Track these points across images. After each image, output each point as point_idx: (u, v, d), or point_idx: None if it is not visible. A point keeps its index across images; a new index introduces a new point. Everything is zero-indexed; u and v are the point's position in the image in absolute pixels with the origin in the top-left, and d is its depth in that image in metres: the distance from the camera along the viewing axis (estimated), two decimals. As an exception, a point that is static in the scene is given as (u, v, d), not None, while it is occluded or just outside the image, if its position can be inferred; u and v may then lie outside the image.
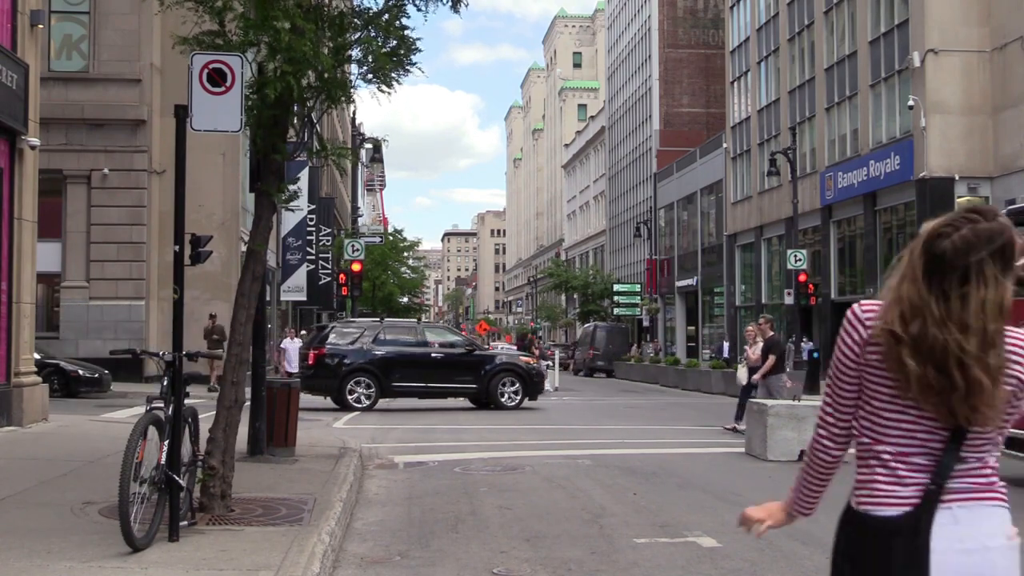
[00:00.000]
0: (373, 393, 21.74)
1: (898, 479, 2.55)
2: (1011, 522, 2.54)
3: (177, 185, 7.20)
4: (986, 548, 2.46)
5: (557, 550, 7.22)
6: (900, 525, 2.48)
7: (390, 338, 22.55)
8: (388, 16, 8.55)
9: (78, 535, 6.73)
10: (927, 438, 2.53)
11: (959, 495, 2.49)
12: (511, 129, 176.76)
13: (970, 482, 2.52)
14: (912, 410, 2.53)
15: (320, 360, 21.70)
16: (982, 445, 2.54)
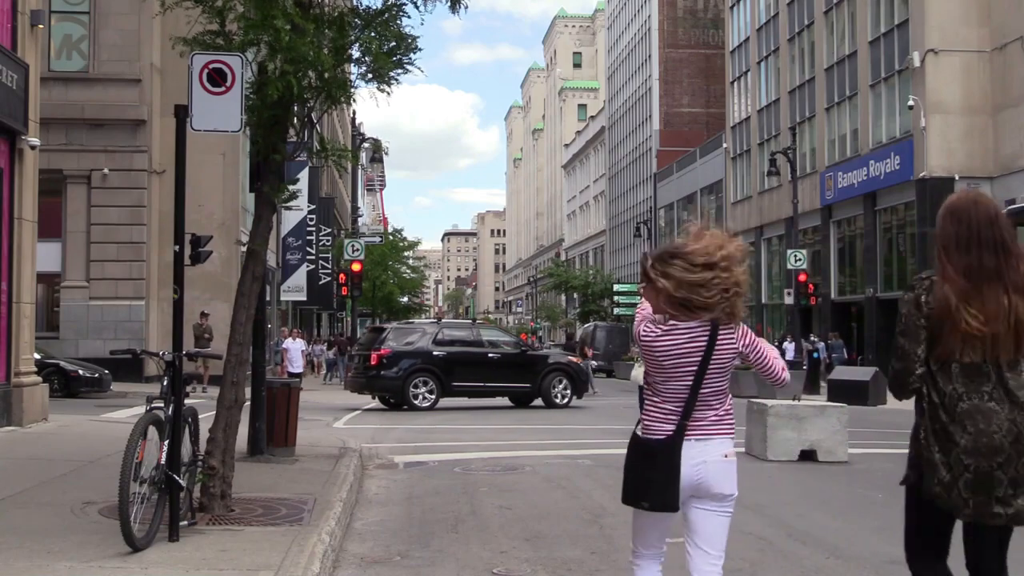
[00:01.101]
0: (435, 393, 22.10)
1: (664, 418, 3.98)
2: (730, 447, 4.04)
3: (177, 185, 7.20)
4: (706, 463, 3.95)
5: (557, 550, 7.22)
6: (663, 444, 3.94)
7: (448, 338, 22.89)
8: (388, 16, 8.55)
9: (78, 535, 6.73)
10: (680, 394, 3.95)
11: (696, 430, 3.96)
12: (511, 129, 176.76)
13: (703, 422, 3.97)
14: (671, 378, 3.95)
15: (383, 360, 22.03)
16: (710, 400, 3.98)
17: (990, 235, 3.74)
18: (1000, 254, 3.71)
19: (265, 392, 11.51)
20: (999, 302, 3.68)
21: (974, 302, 3.68)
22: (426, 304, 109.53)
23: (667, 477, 3.87)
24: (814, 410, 13.08)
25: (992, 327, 3.66)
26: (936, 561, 4.06)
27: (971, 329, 3.67)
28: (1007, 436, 3.66)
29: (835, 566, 6.86)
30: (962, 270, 3.72)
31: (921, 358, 3.76)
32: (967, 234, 3.76)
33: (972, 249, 3.73)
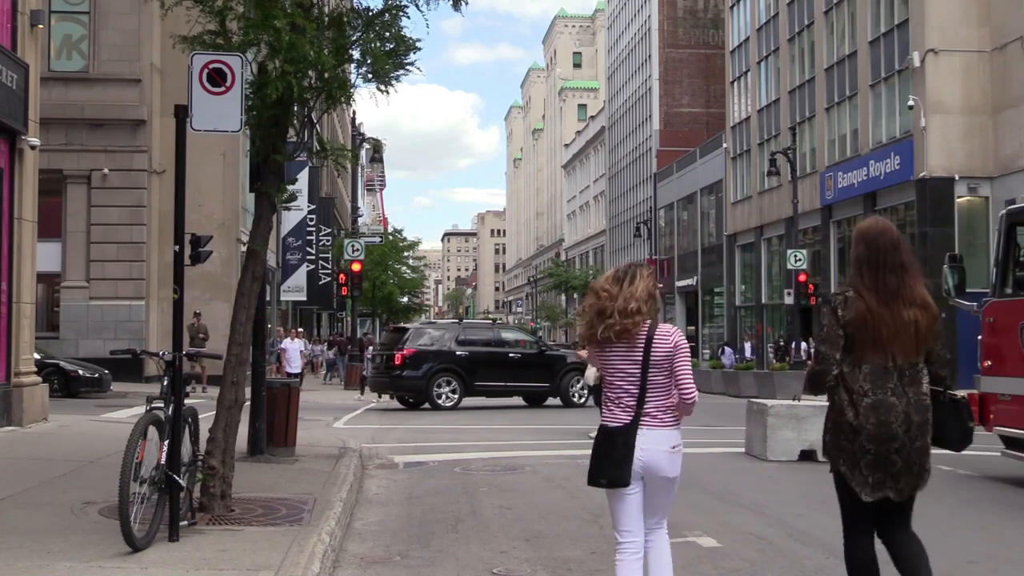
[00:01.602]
0: (458, 392, 22.28)
1: (621, 410, 4.76)
2: (677, 437, 4.77)
3: (177, 185, 7.20)
4: (656, 452, 4.71)
5: (557, 550, 7.22)
6: (621, 430, 4.72)
7: (470, 339, 23.10)
8: (388, 17, 8.55)
9: (78, 535, 6.73)
10: (632, 391, 4.74)
11: (646, 422, 4.72)
12: (511, 129, 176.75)
13: (651, 415, 4.72)
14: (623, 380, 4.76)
15: (407, 360, 22.26)
16: (657, 397, 4.75)
17: (895, 259, 4.57)
18: (900, 275, 4.56)
19: (265, 392, 11.51)
20: (904, 315, 4.52)
21: (885, 315, 4.52)
22: (426, 304, 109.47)
23: (623, 456, 4.68)
24: (814, 410, 13.06)
25: (899, 335, 4.52)
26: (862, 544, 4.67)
27: (882, 337, 4.51)
28: (902, 426, 4.53)
29: (835, 566, 6.85)
30: (873, 288, 4.54)
31: (837, 361, 4.57)
32: (876, 257, 4.59)
33: (880, 270, 4.56)
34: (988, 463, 12.51)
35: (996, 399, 11.21)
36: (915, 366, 4.62)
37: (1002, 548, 7.62)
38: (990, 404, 11.31)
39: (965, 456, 13.35)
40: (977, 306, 11.78)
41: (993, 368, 11.26)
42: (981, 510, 9.37)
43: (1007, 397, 10.98)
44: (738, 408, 16.65)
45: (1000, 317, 11.19)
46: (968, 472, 11.97)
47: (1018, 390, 10.75)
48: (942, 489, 10.61)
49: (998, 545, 7.74)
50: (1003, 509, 9.44)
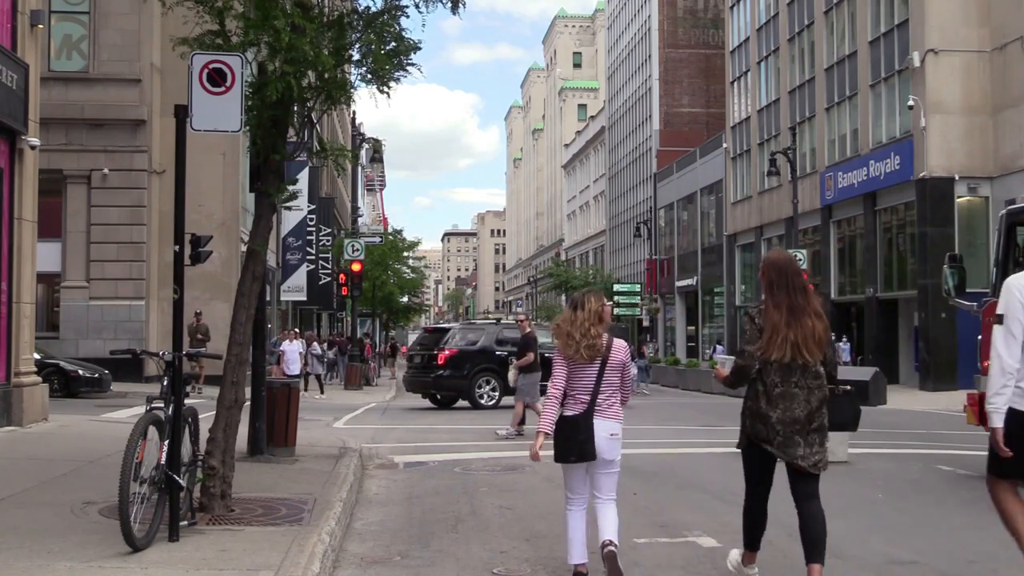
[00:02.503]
0: (497, 391, 22.67)
1: (579, 404, 6.07)
2: (617, 428, 6.10)
3: (177, 185, 7.20)
4: (599, 437, 6.00)
5: (557, 550, 7.22)
6: (580, 417, 6.03)
7: (508, 339, 23.29)
8: (388, 17, 8.55)
9: (78, 535, 6.73)
10: (588, 389, 6.07)
11: (597, 413, 6.04)
12: (511, 129, 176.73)
13: (601, 408, 6.05)
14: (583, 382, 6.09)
15: (450, 360, 22.73)
16: (606, 396, 6.10)
17: (798, 282, 5.79)
18: (803, 294, 5.76)
19: (265, 392, 11.51)
20: (807, 323, 5.68)
21: (792, 324, 5.65)
22: (426, 304, 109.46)
23: (587, 437, 6.00)
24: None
25: (805, 340, 5.65)
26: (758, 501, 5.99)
27: (789, 341, 5.63)
28: (803, 411, 5.68)
29: (835, 566, 6.85)
30: (782, 303, 5.71)
31: (757, 359, 5.71)
32: (784, 280, 5.79)
33: (785, 290, 5.74)
34: (988, 463, 12.51)
35: (996, 399, 11.18)
36: (815, 364, 5.72)
37: (1002, 548, 7.61)
38: (990, 404, 11.29)
39: (965, 456, 13.38)
40: (977, 306, 11.77)
41: (993, 368, 11.24)
42: (981, 510, 9.35)
43: (1007, 397, 10.95)
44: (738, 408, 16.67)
45: (1000, 317, 11.17)
46: (968, 472, 11.97)
47: None
48: (942, 489, 10.61)
49: (998, 545, 7.73)
50: (1003, 509, 9.42)
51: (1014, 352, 5.21)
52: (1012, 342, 5.23)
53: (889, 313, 37.13)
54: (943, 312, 31.02)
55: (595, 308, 6.16)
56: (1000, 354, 5.24)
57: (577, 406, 6.08)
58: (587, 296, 6.30)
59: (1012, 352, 5.21)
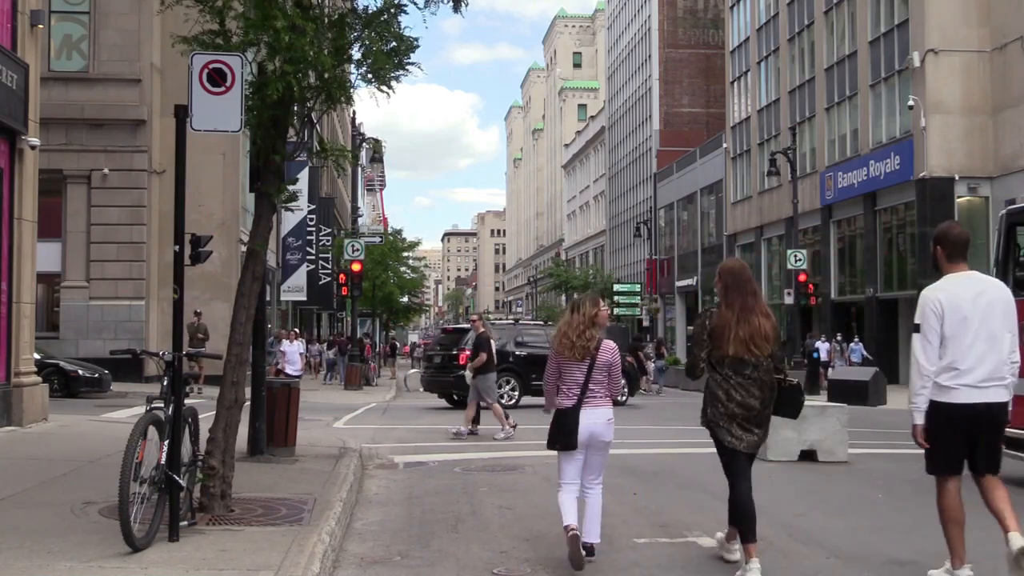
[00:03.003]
0: (517, 391, 22.91)
1: (569, 398, 6.70)
2: (610, 413, 6.78)
3: (177, 185, 7.20)
4: (595, 423, 6.66)
5: (557, 550, 7.22)
6: (570, 409, 6.65)
7: (526, 340, 23.61)
8: (388, 16, 8.55)
9: (78, 535, 6.73)
10: (579, 384, 6.70)
11: (587, 402, 6.67)
12: (511, 129, 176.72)
13: (592, 397, 6.66)
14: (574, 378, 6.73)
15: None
16: (595, 389, 6.71)
17: (749, 287, 6.51)
18: (754, 297, 6.49)
19: (265, 392, 11.51)
20: (756, 322, 6.39)
21: (742, 322, 6.38)
22: (426, 304, 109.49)
23: (572, 429, 6.65)
24: (814, 410, 13.07)
25: (753, 337, 6.37)
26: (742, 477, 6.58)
27: (741, 338, 6.36)
28: (756, 401, 6.45)
29: (835, 566, 6.86)
30: (735, 305, 6.43)
31: (704, 356, 6.54)
32: (737, 284, 6.50)
33: (739, 293, 6.46)
34: (988, 463, 12.51)
35: (996, 399, 11.19)
36: (765, 359, 6.44)
37: (1002, 548, 7.62)
38: (990, 404, 11.29)
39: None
40: (977, 306, 11.75)
41: (993, 368, 11.24)
42: (981, 510, 9.35)
43: (1007, 397, 10.96)
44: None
45: (1000, 317, 11.17)
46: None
47: (1018, 390, 10.74)
48: (942, 489, 10.61)
49: (998, 545, 7.73)
50: (1003, 509, 9.42)
51: (931, 357, 5.96)
52: (929, 348, 5.98)
53: (889, 313, 37.12)
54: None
55: (590, 312, 6.85)
56: (918, 360, 6.01)
57: (568, 400, 6.74)
58: (584, 301, 6.99)
59: (929, 357, 5.97)
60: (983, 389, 5.95)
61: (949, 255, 6.20)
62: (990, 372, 5.96)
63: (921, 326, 6.03)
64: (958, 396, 5.94)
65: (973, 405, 5.94)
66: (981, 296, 6.01)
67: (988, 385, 5.98)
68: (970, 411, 5.95)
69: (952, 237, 6.21)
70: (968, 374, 5.93)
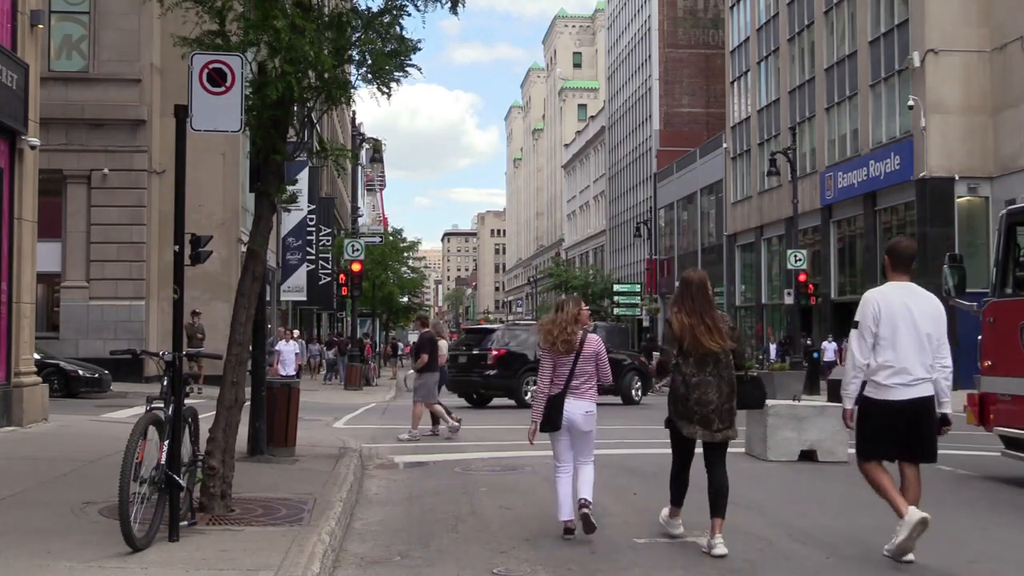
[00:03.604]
0: None
1: (557, 387, 7.54)
2: (591, 406, 7.61)
3: (177, 185, 7.20)
4: (575, 413, 7.54)
5: (557, 550, 7.23)
6: (557, 396, 7.52)
7: None
8: (388, 17, 8.55)
9: (78, 535, 6.73)
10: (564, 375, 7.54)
11: (571, 394, 7.54)
12: (511, 129, 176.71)
13: (577, 390, 7.53)
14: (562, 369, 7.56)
15: (500, 360, 23.08)
16: (580, 380, 7.56)
17: (706, 294, 7.30)
18: (708, 303, 7.27)
19: (265, 392, 11.50)
20: (709, 323, 7.14)
21: (699, 326, 7.11)
22: (426, 304, 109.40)
23: (557, 413, 7.53)
24: (814, 410, 13.09)
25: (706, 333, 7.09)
26: (683, 470, 7.46)
27: (697, 339, 7.09)
28: (716, 396, 7.10)
29: (835, 566, 6.86)
30: (693, 310, 7.18)
31: (674, 355, 7.20)
32: (695, 293, 7.27)
33: (697, 300, 7.23)
34: (988, 463, 12.52)
35: (996, 399, 11.20)
36: (724, 356, 7.14)
37: (1002, 548, 7.63)
38: (990, 404, 11.31)
39: (965, 456, 13.38)
40: (977, 306, 11.77)
41: (993, 368, 11.26)
42: (981, 510, 9.37)
43: (1007, 397, 10.98)
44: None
45: (1000, 317, 11.19)
46: (968, 472, 11.98)
47: (1018, 390, 10.75)
48: (942, 489, 10.61)
49: (998, 545, 7.74)
50: (1003, 509, 9.44)
51: (864, 352, 6.89)
52: (863, 344, 6.91)
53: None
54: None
55: (572, 311, 7.61)
56: (854, 353, 6.96)
57: (555, 388, 7.58)
58: (567, 301, 7.80)
59: (863, 352, 6.89)
60: (913, 386, 6.75)
61: (894, 265, 7.12)
62: (920, 372, 6.77)
63: (860, 324, 6.98)
64: (893, 393, 6.75)
65: (905, 401, 6.73)
66: (914, 305, 6.89)
67: (918, 383, 6.78)
68: (903, 406, 6.75)
69: (899, 250, 7.19)
70: (900, 373, 6.76)
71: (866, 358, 6.86)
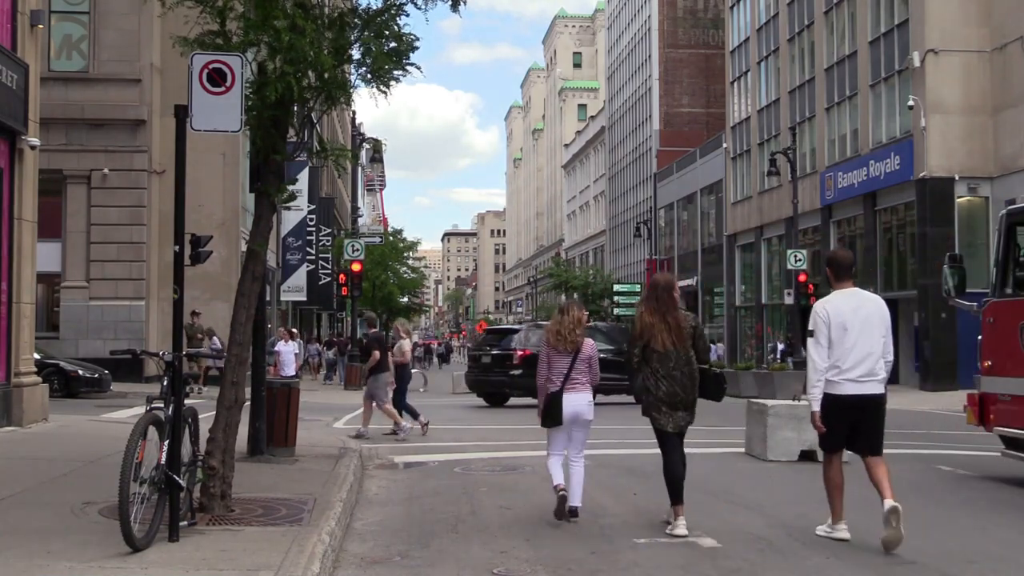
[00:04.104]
0: None
1: (554, 383, 8.24)
2: (590, 397, 8.36)
3: (177, 185, 7.20)
4: (577, 405, 8.23)
5: (557, 550, 7.23)
6: (556, 393, 8.19)
7: None
8: (388, 16, 8.55)
9: (78, 535, 6.73)
10: (562, 373, 8.25)
11: (570, 388, 8.24)
12: (511, 129, 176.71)
13: (573, 384, 8.24)
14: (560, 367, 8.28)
15: (527, 360, 22.96)
16: (578, 377, 8.26)
17: (671, 296, 8.00)
18: (672, 304, 7.96)
19: (265, 392, 11.50)
20: (670, 322, 7.88)
21: (660, 324, 7.86)
22: (426, 304, 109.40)
23: (557, 410, 8.19)
24: (814, 410, 13.04)
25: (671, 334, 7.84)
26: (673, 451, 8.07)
27: (659, 336, 7.84)
28: (680, 388, 7.87)
29: (835, 566, 6.86)
30: (657, 309, 7.92)
31: (638, 353, 7.96)
32: (660, 294, 8.00)
33: (661, 300, 7.96)
34: (988, 463, 12.51)
35: (996, 399, 11.20)
36: (686, 352, 7.87)
37: (1002, 548, 7.62)
38: (990, 404, 11.30)
39: (965, 456, 13.38)
40: (977, 306, 11.77)
41: (993, 368, 11.25)
42: (981, 510, 9.37)
43: (1007, 397, 10.97)
44: (738, 408, 16.62)
45: (1000, 317, 11.18)
46: (968, 472, 11.97)
47: (1018, 390, 10.74)
48: (942, 489, 10.61)
49: (998, 545, 7.74)
50: (1003, 509, 9.43)
51: (823, 356, 7.39)
52: (820, 349, 7.41)
53: (889, 313, 37.08)
54: (943, 312, 31.03)
55: (577, 315, 8.42)
56: (814, 359, 7.47)
57: (554, 386, 8.25)
58: (571, 306, 8.63)
59: (821, 357, 7.40)
60: (862, 383, 7.33)
61: (836, 275, 7.64)
62: (867, 370, 7.34)
63: (814, 332, 7.47)
64: (841, 389, 7.34)
65: (853, 396, 7.32)
66: (860, 309, 7.44)
67: (866, 380, 7.35)
68: (851, 401, 7.34)
69: (839, 261, 7.74)
70: (849, 372, 7.33)
71: (825, 362, 7.38)
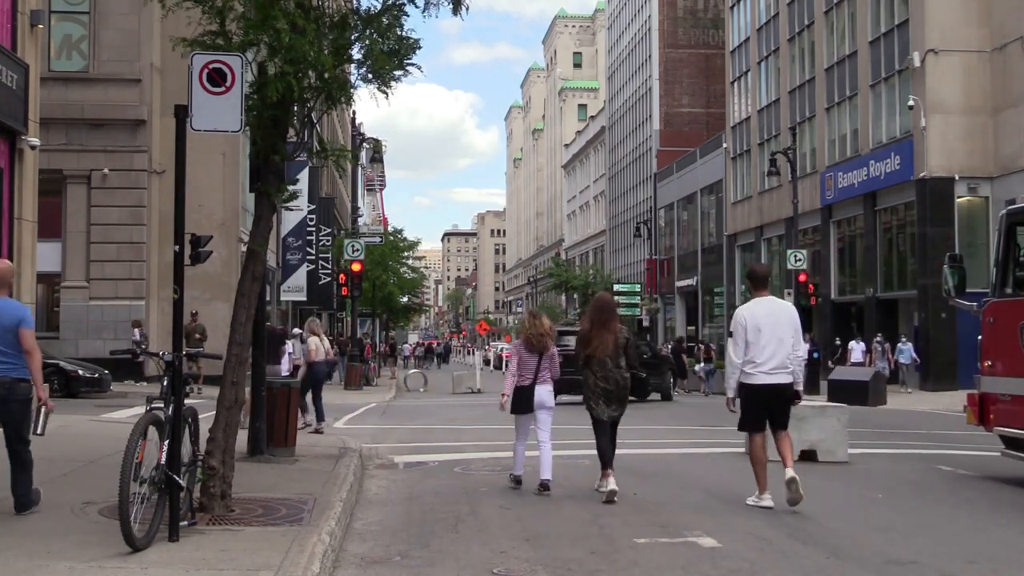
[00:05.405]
0: None
1: (526, 379, 10.15)
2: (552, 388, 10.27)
3: (177, 185, 7.20)
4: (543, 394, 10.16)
5: (557, 550, 7.23)
6: (527, 386, 10.12)
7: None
8: (388, 17, 8.55)
9: (78, 535, 6.73)
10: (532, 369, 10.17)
11: (539, 382, 10.16)
12: (511, 129, 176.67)
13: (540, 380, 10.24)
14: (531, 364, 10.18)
15: None
16: (543, 373, 10.18)
17: (610, 313, 9.92)
18: (611, 318, 9.87)
19: (265, 392, 11.50)
20: (606, 337, 9.68)
21: (596, 336, 9.70)
22: (426, 304, 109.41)
23: (529, 401, 10.01)
24: (814, 410, 13.07)
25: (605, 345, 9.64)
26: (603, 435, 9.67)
27: (595, 346, 9.65)
28: (613, 386, 9.64)
29: (835, 566, 6.86)
30: (597, 322, 9.76)
31: (583, 355, 9.73)
32: (603, 310, 9.89)
33: (603, 313, 9.85)
34: (988, 463, 12.51)
35: (996, 399, 11.20)
36: (619, 358, 9.68)
37: (1002, 548, 7.63)
38: (990, 404, 11.30)
39: (965, 456, 13.39)
40: (977, 306, 11.77)
41: (993, 368, 11.25)
42: (981, 510, 9.37)
43: (1007, 397, 10.97)
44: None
45: (1000, 317, 11.19)
46: (968, 472, 11.97)
47: (1018, 390, 10.75)
48: (942, 489, 10.61)
49: (998, 545, 7.74)
50: (1003, 509, 9.44)
51: (739, 354, 9.01)
52: (737, 348, 9.06)
53: (889, 313, 37.12)
54: (943, 312, 31.01)
55: (546, 325, 10.14)
56: (731, 356, 9.24)
57: (525, 380, 10.03)
58: (540, 316, 10.31)
59: (738, 354, 9.03)
60: (773, 375, 8.93)
61: (755, 286, 9.33)
62: (777, 364, 8.91)
63: (734, 334, 9.11)
64: (757, 380, 8.94)
65: (765, 386, 8.93)
66: (772, 313, 9.04)
67: (776, 372, 8.93)
68: (765, 390, 8.95)
69: (756, 273, 9.48)
70: (763, 365, 8.92)
71: (740, 358, 9.00)
